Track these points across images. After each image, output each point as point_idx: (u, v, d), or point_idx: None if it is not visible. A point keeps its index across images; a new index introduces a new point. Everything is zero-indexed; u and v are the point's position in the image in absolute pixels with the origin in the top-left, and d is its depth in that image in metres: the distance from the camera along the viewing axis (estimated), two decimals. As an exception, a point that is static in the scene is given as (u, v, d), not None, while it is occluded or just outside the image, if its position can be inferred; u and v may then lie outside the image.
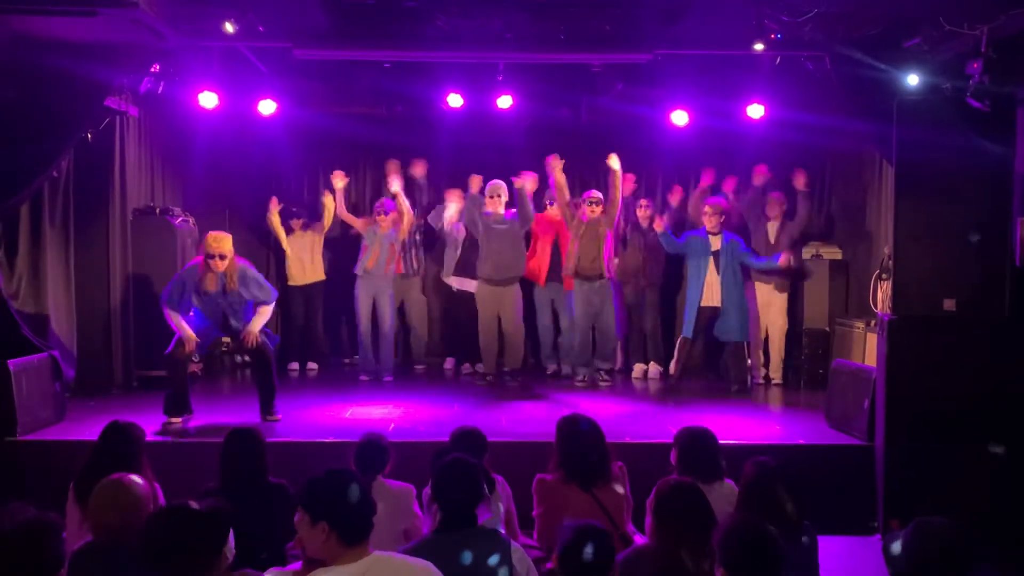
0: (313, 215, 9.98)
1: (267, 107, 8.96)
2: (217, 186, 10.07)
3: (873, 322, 7.91)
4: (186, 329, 7.02)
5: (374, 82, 8.97)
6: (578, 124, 9.67)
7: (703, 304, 8.68)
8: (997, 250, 6.14)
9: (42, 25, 6.64)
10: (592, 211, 8.84)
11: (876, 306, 8.07)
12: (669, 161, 10.41)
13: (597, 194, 8.93)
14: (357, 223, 9.54)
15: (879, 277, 8.08)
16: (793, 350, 9.57)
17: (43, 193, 7.80)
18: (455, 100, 8.84)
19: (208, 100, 8.54)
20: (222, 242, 7.10)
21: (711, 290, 8.67)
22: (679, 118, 9.12)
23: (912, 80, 6.70)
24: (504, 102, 8.80)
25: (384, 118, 9.58)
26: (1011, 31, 5.90)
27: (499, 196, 8.83)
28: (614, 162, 8.68)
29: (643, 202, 9.76)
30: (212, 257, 7.03)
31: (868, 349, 8.01)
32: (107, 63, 7.13)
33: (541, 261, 9.41)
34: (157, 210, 8.89)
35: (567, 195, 8.91)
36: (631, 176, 9.61)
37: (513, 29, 7.40)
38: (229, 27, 6.92)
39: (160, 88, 8.37)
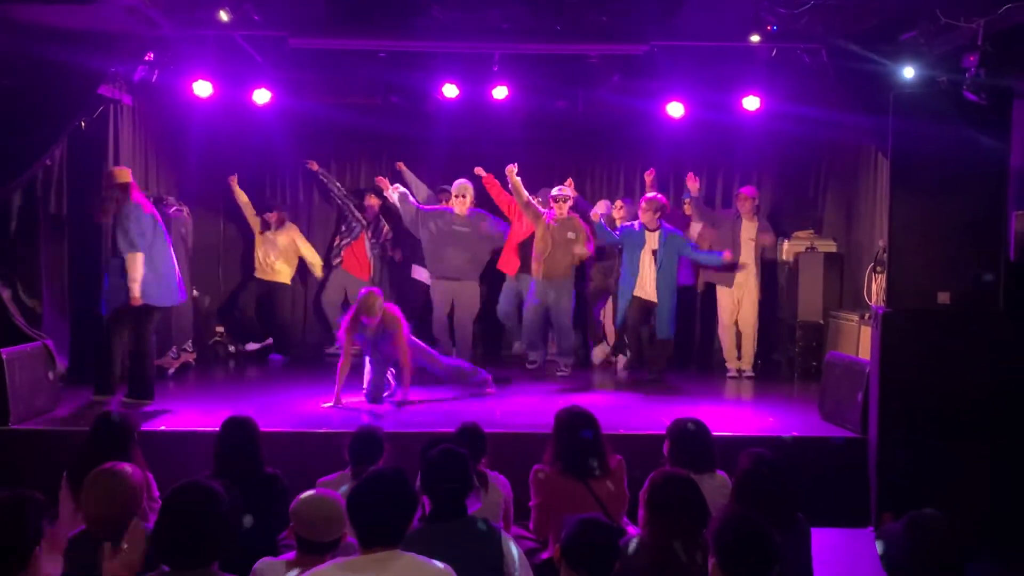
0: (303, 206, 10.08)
1: (262, 96, 8.93)
2: (211, 175, 10.05)
3: (867, 315, 7.93)
4: None
5: (370, 72, 8.93)
6: (574, 116, 9.63)
7: (635, 294, 8.65)
8: (992, 244, 6.14)
9: (36, 13, 6.60)
10: (560, 209, 8.83)
11: (870, 299, 8.09)
12: (665, 153, 10.38)
13: (565, 191, 8.94)
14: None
15: (874, 270, 8.09)
16: (786, 343, 9.61)
17: (37, 181, 7.78)
18: (451, 91, 8.82)
19: (203, 89, 8.50)
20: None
21: (646, 283, 8.63)
22: (675, 110, 9.10)
23: (908, 73, 6.69)
24: (500, 93, 8.77)
25: (379, 108, 9.53)
26: (1007, 24, 5.89)
27: (464, 196, 8.93)
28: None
29: (618, 203, 9.75)
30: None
31: (862, 342, 8.03)
32: (101, 51, 7.08)
33: (511, 254, 9.44)
34: (151, 199, 8.85)
35: (524, 196, 8.87)
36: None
37: (510, 20, 7.38)
38: (224, 16, 6.89)
39: (154, 77, 8.33)
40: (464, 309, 9.12)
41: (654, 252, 8.61)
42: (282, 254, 9.92)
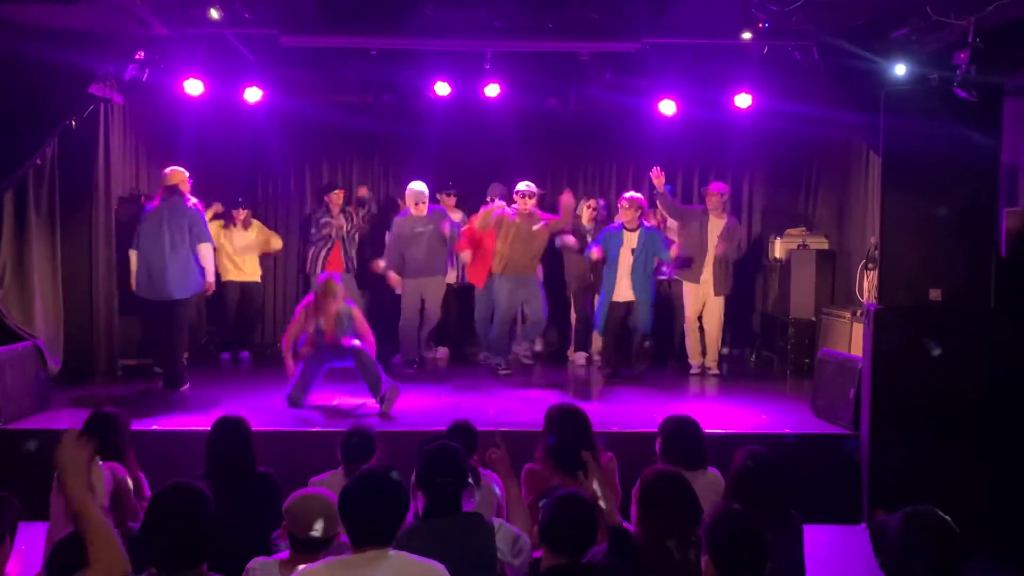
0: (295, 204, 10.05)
1: (253, 95, 8.90)
2: (203, 174, 9.93)
3: (859, 312, 7.94)
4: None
5: (361, 71, 8.93)
6: (566, 113, 9.64)
7: (615, 300, 8.64)
8: (983, 240, 6.16)
9: (26, 12, 6.58)
10: (524, 204, 8.75)
11: (862, 296, 8.10)
12: (657, 151, 10.38)
13: (531, 187, 8.85)
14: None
15: (865, 267, 8.10)
16: (778, 340, 9.62)
17: (27, 182, 7.76)
18: (443, 89, 8.82)
19: (193, 88, 8.48)
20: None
21: (624, 285, 8.61)
22: (667, 108, 9.11)
23: (899, 70, 6.69)
24: (492, 91, 8.77)
25: (371, 107, 9.54)
26: (998, 21, 5.90)
27: (420, 204, 9.08)
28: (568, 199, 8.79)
29: (591, 202, 9.73)
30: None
31: (854, 339, 8.04)
32: (91, 50, 7.06)
33: (479, 266, 9.34)
34: (142, 198, 8.84)
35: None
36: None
37: (501, 18, 7.37)
38: (215, 14, 6.86)
39: (145, 76, 8.31)
40: (432, 301, 9.28)
41: (632, 250, 8.60)
42: (252, 251, 9.84)
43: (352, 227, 9.82)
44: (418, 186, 9.16)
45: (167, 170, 7.90)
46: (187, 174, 7.85)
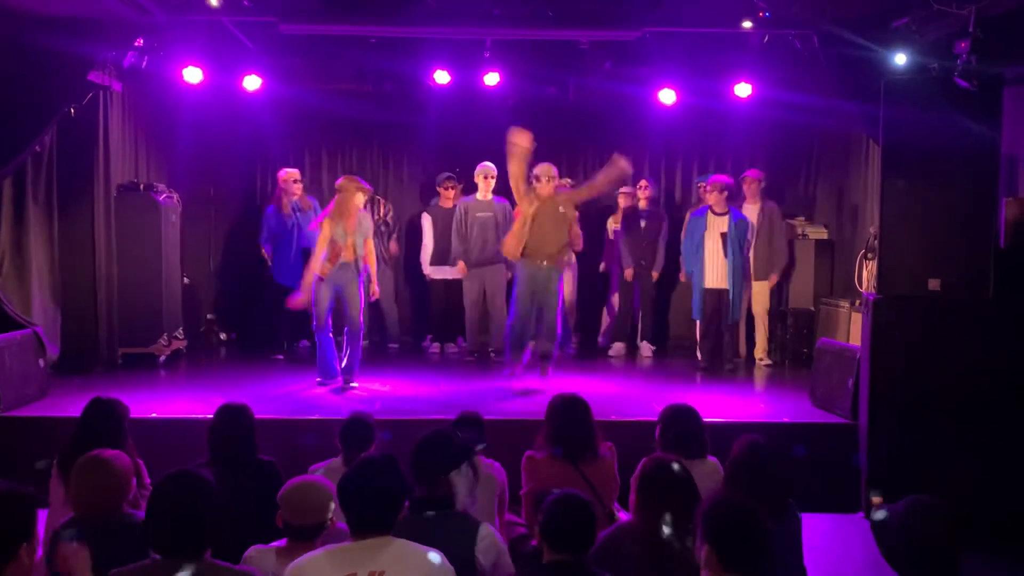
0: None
1: (252, 83, 8.88)
2: (202, 162, 10.01)
3: (858, 301, 7.95)
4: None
5: (360, 59, 8.90)
6: (565, 103, 9.62)
7: (707, 286, 8.64)
8: (982, 230, 6.16)
9: (24, -2, 6.57)
10: (544, 187, 7.80)
11: (861, 285, 8.10)
12: (657, 140, 10.39)
13: (551, 168, 7.94)
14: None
15: (864, 257, 8.11)
16: (777, 329, 9.62)
17: (26, 169, 7.76)
18: (442, 77, 8.79)
19: (193, 75, 8.47)
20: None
21: (716, 271, 8.60)
22: (667, 97, 9.09)
23: (900, 60, 6.69)
24: (491, 79, 8.75)
25: (370, 95, 9.52)
26: (999, 11, 5.90)
27: (488, 178, 8.88)
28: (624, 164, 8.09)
29: (643, 183, 9.70)
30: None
31: (853, 328, 8.05)
32: (90, 37, 7.05)
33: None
34: (141, 186, 8.83)
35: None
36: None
37: (501, 6, 7.36)
38: (214, 1, 6.85)
39: (144, 63, 8.30)
40: (497, 291, 9.06)
41: (722, 235, 8.56)
42: None
43: (377, 221, 9.58)
44: (487, 163, 9.05)
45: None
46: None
